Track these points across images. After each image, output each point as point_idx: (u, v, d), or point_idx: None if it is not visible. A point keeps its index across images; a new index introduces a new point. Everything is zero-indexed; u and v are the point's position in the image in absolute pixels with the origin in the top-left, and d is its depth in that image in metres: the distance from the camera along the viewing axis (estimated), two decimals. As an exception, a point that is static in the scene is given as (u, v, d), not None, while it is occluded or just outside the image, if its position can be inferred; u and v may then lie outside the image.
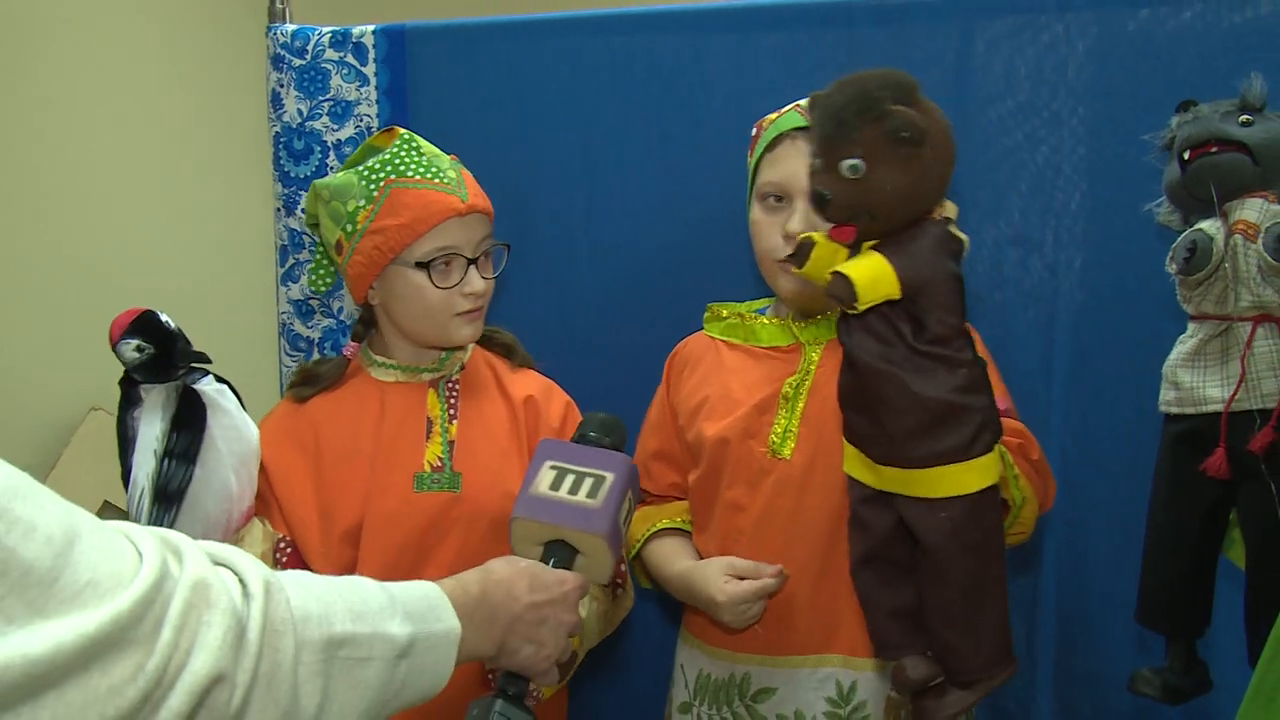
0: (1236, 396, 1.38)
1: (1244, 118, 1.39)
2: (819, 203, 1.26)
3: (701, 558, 1.70)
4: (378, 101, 2.15)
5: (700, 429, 1.71)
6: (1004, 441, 1.48)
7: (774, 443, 1.63)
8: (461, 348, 1.78)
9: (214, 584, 0.87)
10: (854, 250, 1.28)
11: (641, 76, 2.04)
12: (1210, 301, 1.41)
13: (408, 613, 1.07)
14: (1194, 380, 1.43)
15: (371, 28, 2.15)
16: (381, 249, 1.66)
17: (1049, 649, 1.97)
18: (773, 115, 1.69)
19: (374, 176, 1.67)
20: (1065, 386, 1.92)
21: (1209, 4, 1.76)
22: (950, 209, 1.31)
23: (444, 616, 1.12)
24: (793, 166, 1.62)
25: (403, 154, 1.69)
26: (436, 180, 1.66)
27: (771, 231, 1.66)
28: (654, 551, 1.76)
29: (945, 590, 1.32)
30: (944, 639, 1.35)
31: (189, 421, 1.51)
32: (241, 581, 0.91)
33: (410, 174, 1.66)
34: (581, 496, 1.34)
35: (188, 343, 1.50)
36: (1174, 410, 1.45)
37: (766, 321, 1.74)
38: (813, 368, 1.67)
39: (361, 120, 2.15)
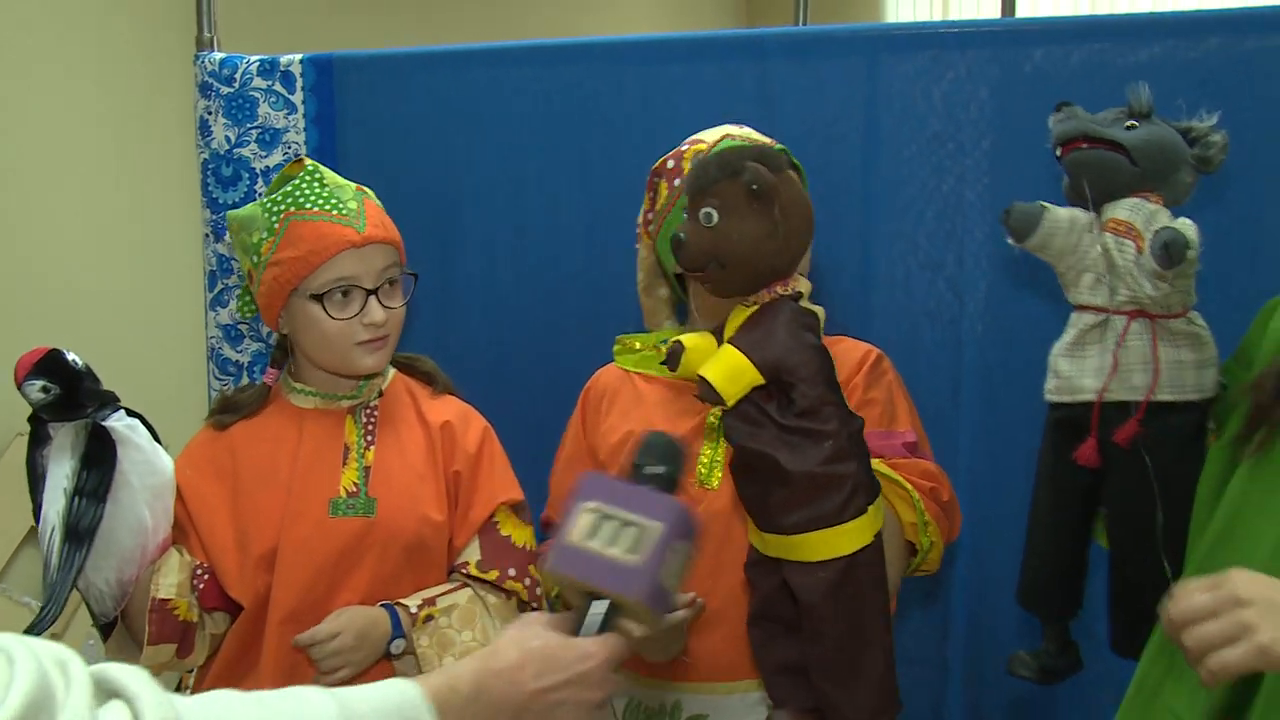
0: (1109, 388, 1.36)
1: (1130, 123, 1.37)
2: (676, 246, 1.29)
3: None
4: (306, 129, 2.08)
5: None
6: (915, 484, 1.49)
7: (701, 473, 1.57)
8: (374, 375, 1.71)
9: None
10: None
11: (564, 106, 2.00)
12: (1086, 293, 1.39)
13: None
14: (1072, 369, 1.40)
15: (299, 57, 2.09)
16: (280, 281, 1.61)
17: (959, 655, 1.94)
18: (702, 144, 1.62)
19: (275, 209, 1.62)
20: (972, 404, 1.89)
21: (1095, 49, 1.78)
22: (804, 285, 1.35)
23: None
24: None
25: (304, 186, 1.63)
26: (334, 212, 1.60)
27: None
28: None
29: (823, 646, 1.31)
30: (824, 691, 1.33)
31: (99, 459, 1.46)
32: None
33: (308, 206, 1.61)
34: (620, 551, 1.12)
35: (96, 380, 1.43)
36: (1054, 398, 1.43)
37: None
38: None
39: (290, 147, 2.08)
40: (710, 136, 1.61)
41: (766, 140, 1.59)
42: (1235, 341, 1.40)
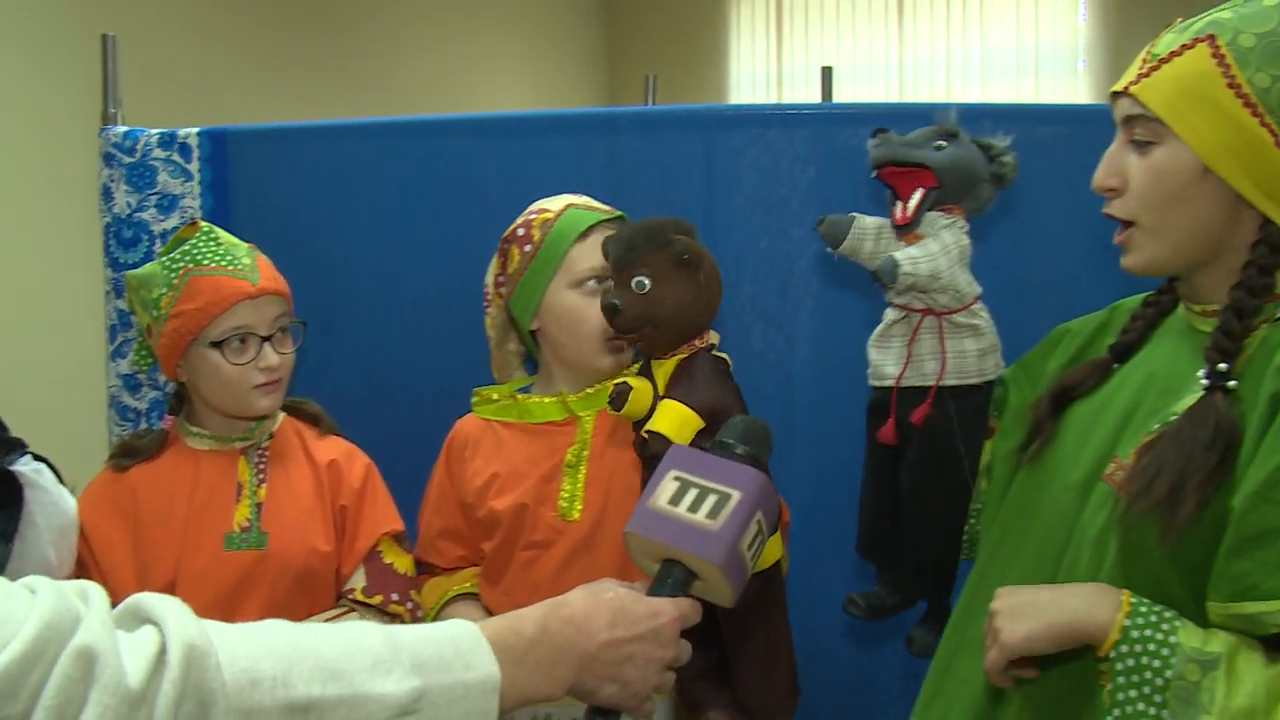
0: (905, 375, 1.45)
1: (939, 143, 1.44)
2: (611, 312, 1.36)
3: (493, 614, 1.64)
4: (201, 195, 2.12)
5: (491, 505, 1.67)
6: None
7: (563, 507, 1.63)
8: (266, 417, 1.75)
9: (100, 654, 0.72)
10: (644, 371, 1.42)
11: (436, 176, 2.06)
12: (893, 293, 1.47)
13: (418, 663, 0.87)
14: (879, 358, 1.49)
15: (196, 130, 2.13)
16: (181, 331, 1.65)
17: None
18: (548, 212, 1.69)
19: (174, 266, 1.66)
20: (804, 439, 1.99)
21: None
22: (714, 336, 1.43)
23: (477, 662, 0.91)
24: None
25: (201, 244, 1.68)
26: (230, 267, 1.66)
27: (596, 312, 1.59)
28: (453, 611, 1.69)
29: (748, 648, 1.39)
30: (750, 686, 1.42)
31: (6, 501, 1.46)
32: (164, 646, 0.76)
33: (206, 262, 1.66)
34: (701, 516, 1.08)
35: (3, 428, 1.45)
36: (870, 382, 1.52)
37: (539, 400, 1.72)
38: (589, 436, 1.66)
39: (186, 212, 2.11)
40: (554, 205, 1.69)
41: (606, 208, 1.67)
42: (1028, 328, 1.52)
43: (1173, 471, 1.07)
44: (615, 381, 1.43)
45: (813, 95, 2.35)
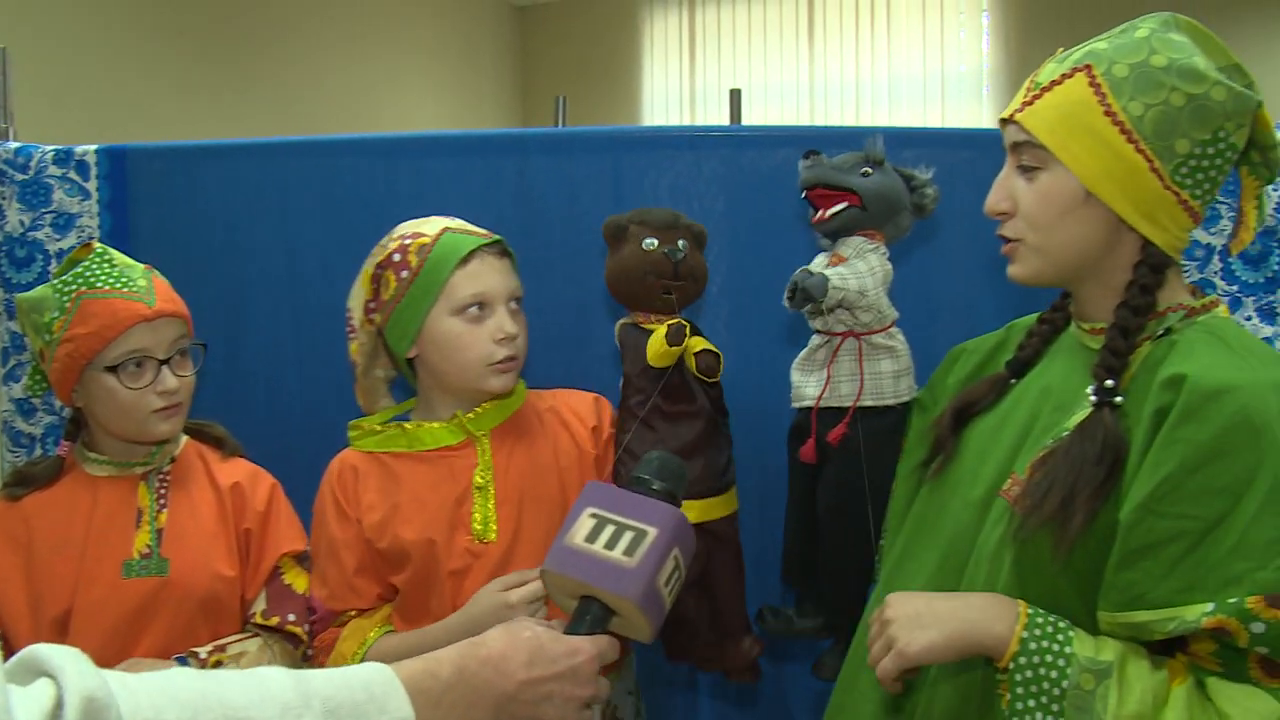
0: (824, 396, 1.50)
1: (865, 170, 1.49)
2: (674, 257, 1.57)
3: None
4: (100, 214, 2.07)
5: (396, 535, 1.62)
6: None
7: (478, 530, 1.60)
8: (167, 441, 1.71)
9: None
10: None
11: (343, 196, 2.04)
12: (816, 319, 1.53)
13: (330, 709, 0.86)
14: (800, 380, 1.54)
15: (94, 147, 2.08)
16: (74, 356, 1.61)
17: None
18: (424, 237, 1.64)
19: (66, 289, 1.62)
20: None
21: (791, 150, 1.92)
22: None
23: (391, 706, 0.90)
24: (491, 277, 1.62)
25: (94, 266, 1.64)
26: (125, 289, 1.62)
27: (481, 338, 1.61)
28: (382, 650, 1.61)
29: (721, 590, 1.59)
30: (734, 613, 1.63)
31: None
32: (61, 698, 0.74)
33: (100, 284, 1.62)
34: (618, 553, 1.09)
35: None
36: (791, 405, 1.56)
37: (430, 425, 1.68)
38: (490, 457, 1.65)
39: (84, 231, 2.06)
40: (429, 229, 1.64)
41: (482, 231, 1.66)
42: (937, 349, 1.57)
43: (1063, 486, 1.12)
44: (670, 322, 1.55)
45: (726, 118, 2.38)
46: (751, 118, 5.83)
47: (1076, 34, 1.36)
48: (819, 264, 1.51)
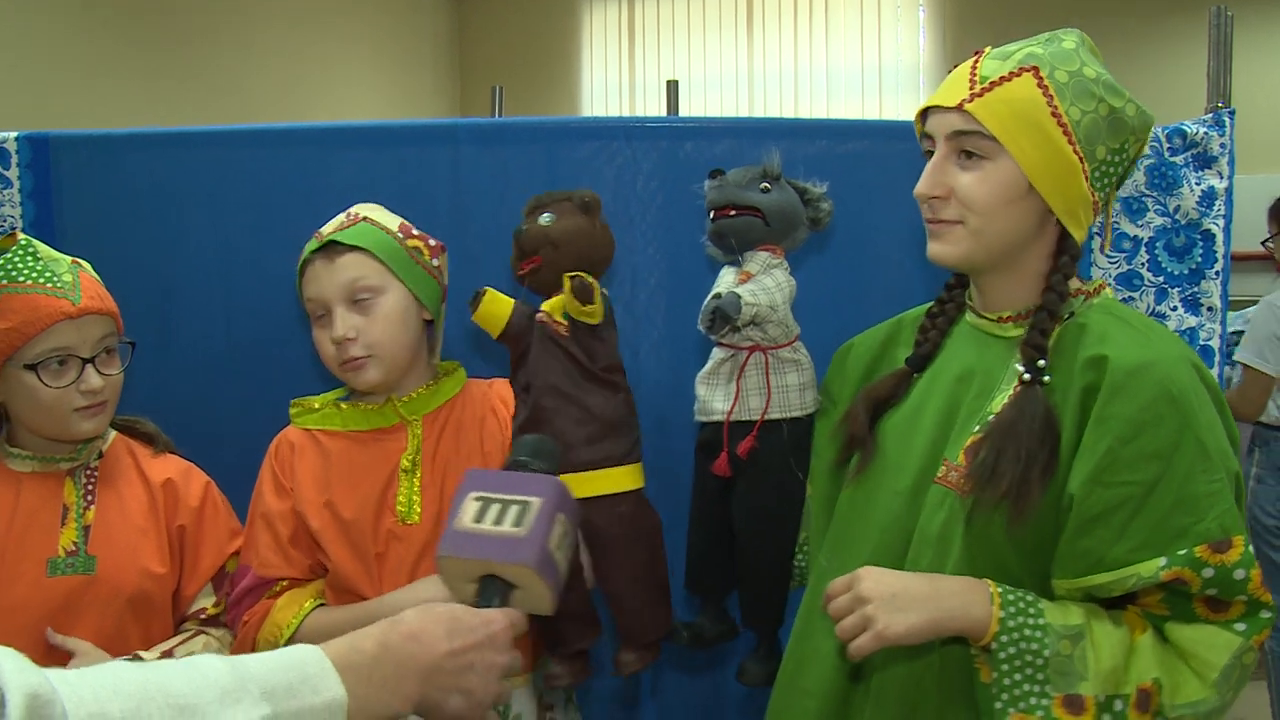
0: (734, 410, 1.53)
1: (764, 185, 1.53)
2: (517, 235, 1.55)
3: None
4: (22, 204, 2.02)
5: (327, 513, 1.64)
6: None
7: (401, 511, 1.62)
8: (94, 438, 1.68)
9: None
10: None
11: (274, 186, 2.02)
12: (724, 333, 1.54)
13: (266, 691, 0.88)
14: (706, 394, 1.57)
15: (14, 134, 2.03)
16: None
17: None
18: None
19: None
20: (650, 453, 1.92)
21: (733, 143, 1.99)
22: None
23: (323, 685, 0.92)
24: (316, 283, 1.64)
25: (16, 259, 1.60)
26: (49, 285, 1.58)
27: (325, 342, 1.64)
28: (318, 622, 1.62)
29: (619, 573, 1.49)
30: (624, 610, 1.52)
31: None
32: (2, 695, 0.73)
33: (21, 279, 1.58)
34: (507, 526, 1.14)
35: None
36: (697, 419, 1.59)
37: (365, 407, 1.70)
38: (419, 441, 1.66)
39: (4, 221, 2.01)
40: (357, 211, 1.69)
41: (325, 231, 1.67)
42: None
43: (1014, 462, 1.20)
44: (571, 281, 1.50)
45: (665, 108, 2.39)
46: (690, 109, 5.85)
47: (1010, 30, 1.45)
48: (726, 281, 1.54)
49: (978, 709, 1.23)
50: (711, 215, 1.56)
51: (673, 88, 2.52)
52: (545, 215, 1.52)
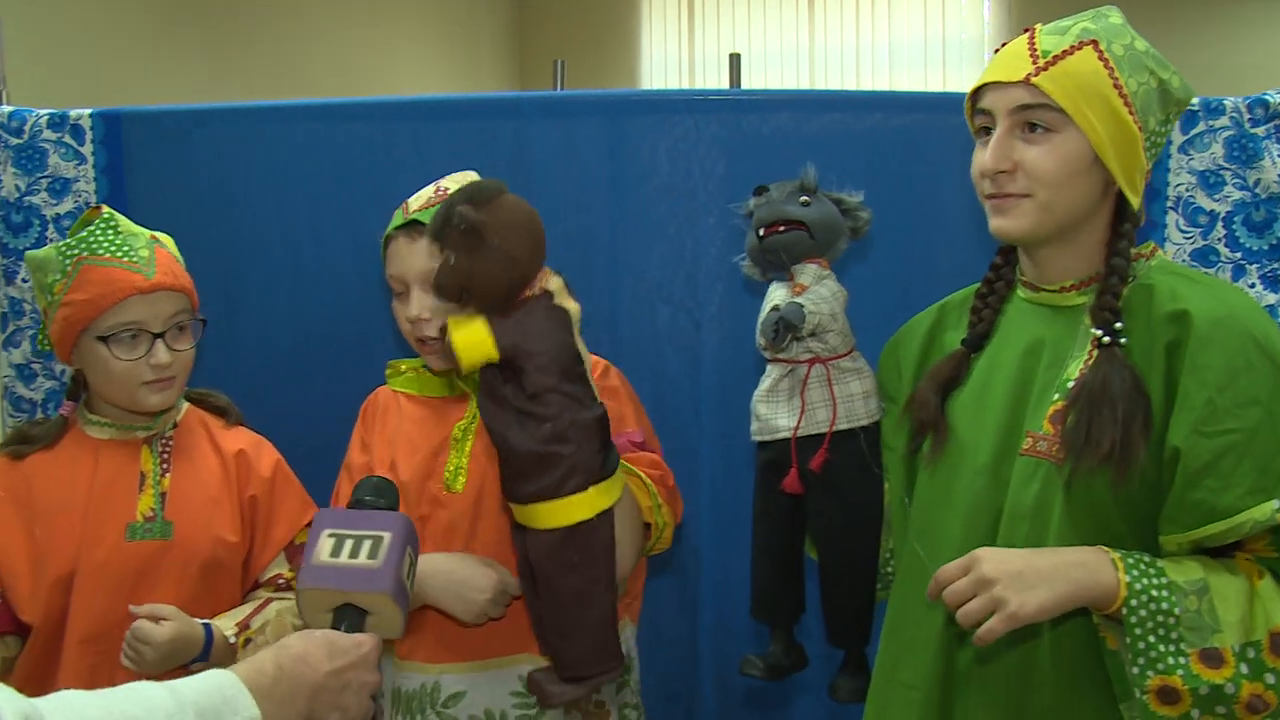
0: (800, 425, 1.50)
1: (803, 199, 1.52)
2: (436, 287, 1.40)
3: None
4: (96, 179, 2.07)
5: (393, 474, 1.67)
6: (647, 473, 1.59)
7: (447, 479, 1.65)
8: (169, 409, 1.72)
9: None
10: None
11: (339, 159, 2.04)
12: (779, 349, 1.53)
13: (200, 711, 0.96)
14: (769, 412, 1.54)
15: (89, 111, 2.08)
16: (71, 321, 1.61)
17: (709, 639, 2.06)
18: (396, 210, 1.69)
19: (69, 253, 1.63)
20: (712, 419, 2.02)
21: (793, 116, 1.98)
22: (553, 283, 1.42)
23: (242, 705, 1.01)
24: (398, 261, 1.65)
25: (98, 233, 1.64)
26: (125, 259, 1.62)
27: (402, 317, 1.66)
28: None
29: (546, 602, 1.43)
30: (549, 642, 1.46)
31: None
32: None
33: (101, 252, 1.62)
34: (362, 559, 1.24)
35: None
36: (757, 438, 1.56)
37: (434, 375, 1.73)
38: (475, 411, 1.67)
39: (80, 196, 2.07)
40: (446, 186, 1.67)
41: (417, 206, 1.65)
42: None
43: (1113, 423, 1.21)
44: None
45: (725, 82, 2.38)
46: (751, 84, 5.80)
47: (1077, 3, 1.42)
48: (779, 295, 1.52)
49: (1103, 680, 1.23)
50: (761, 233, 1.54)
51: (735, 61, 2.50)
52: (446, 254, 1.37)
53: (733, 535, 2.00)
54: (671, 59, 6.72)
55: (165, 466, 1.70)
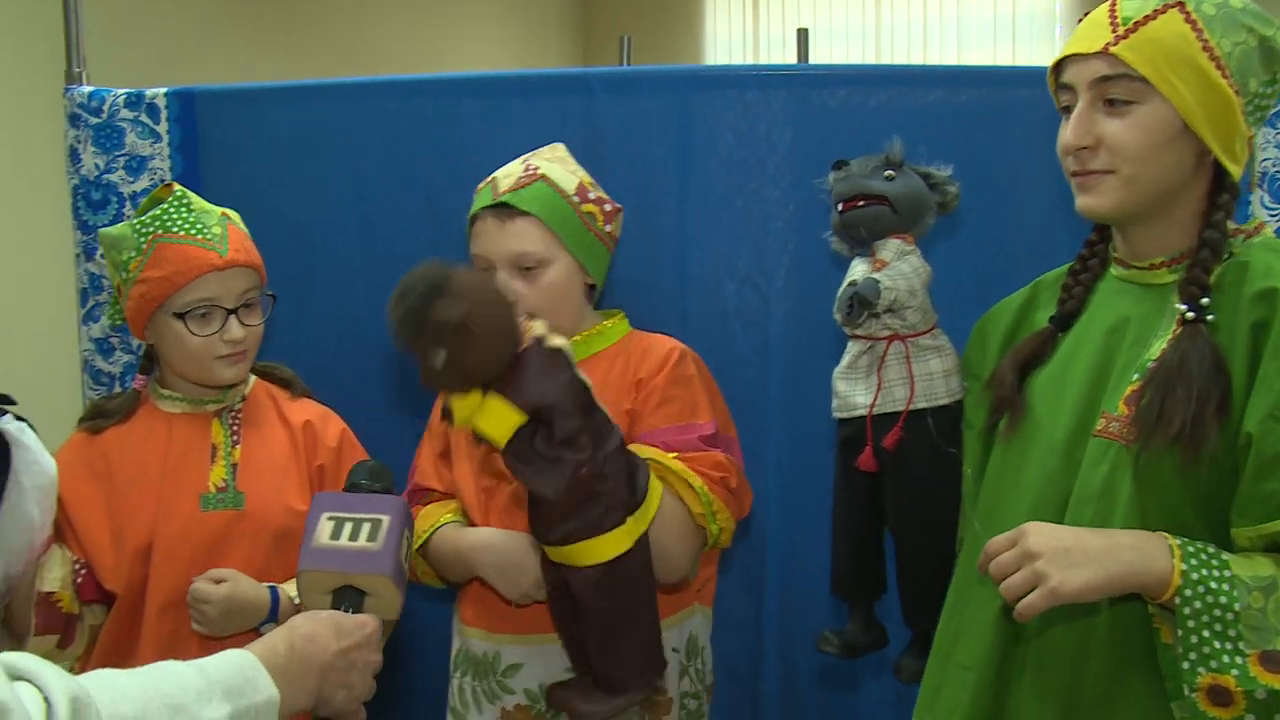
0: (877, 402, 1.48)
1: (888, 173, 1.48)
2: (435, 387, 1.38)
3: None
4: (171, 156, 2.10)
5: (467, 443, 1.70)
6: (705, 475, 1.58)
7: None
8: (239, 382, 1.75)
9: (13, 709, 0.78)
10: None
11: (409, 136, 2.04)
12: (859, 325, 1.50)
13: (226, 690, 0.99)
14: (847, 389, 1.51)
15: (164, 90, 2.11)
16: (146, 298, 1.65)
17: (774, 618, 2.05)
18: (481, 185, 1.70)
19: (144, 230, 1.66)
20: (780, 398, 2.00)
21: (867, 91, 1.94)
22: (538, 327, 1.40)
23: (261, 685, 1.03)
24: (485, 241, 1.66)
25: (172, 210, 1.67)
26: (199, 236, 1.65)
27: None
28: (444, 536, 1.70)
29: (590, 629, 1.44)
30: (595, 661, 1.46)
31: None
32: (47, 700, 0.82)
33: (175, 229, 1.64)
34: (362, 541, 1.27)
35: None
36: (837, 415, 1.54)
37: None
38: None
39: (155, 173, 2.09)
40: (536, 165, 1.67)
41: (506, 186, 1.65)
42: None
43: (1185, 402, 1.14)
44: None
45: (789, 58, 2.35)
46: (816, 59, 5.74)
47: None
48: (859, 270, 1.50)
49: (1156, 673, 1.17)
50: (840, 207, 1.51)
51: (802, 36, 2.48)
52: (429, 359, 1.32)
53: (800, 513, 2.01)
54: (736, 35, 6.67)
55: (235, 438, 1.73)
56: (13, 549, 1.49)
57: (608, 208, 1.70)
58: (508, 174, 1.68)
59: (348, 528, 1.28)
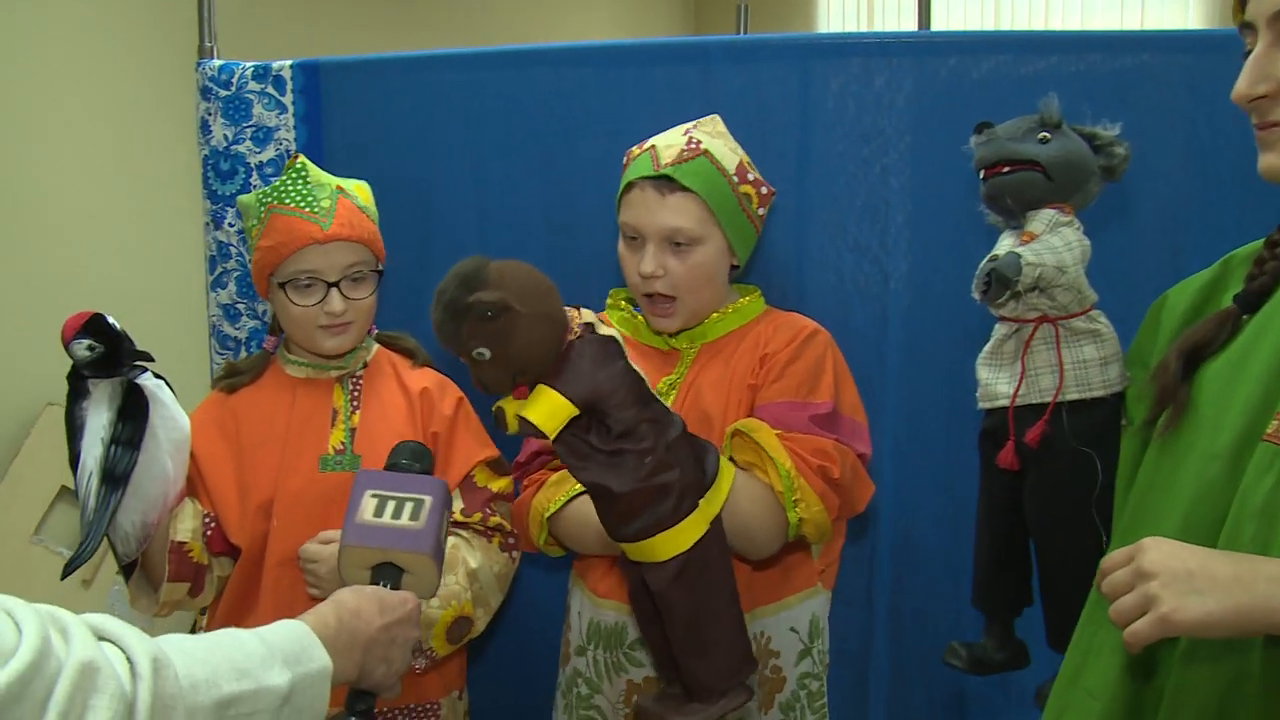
0: (1020, 392, 1.33)
1: (1043, 135, 1.32)
2: (485, 388, 1.36)
3: None
4: (295, 127, 2.13)
5: None
6: (800, 458, 1.52)
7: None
8: (359, 348, 1.79)
9: (101, 667, 0.81)
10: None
11: (528, 105, 2.04)
12: (1005, 304, 1.35)
13: (285, 658, 1.01)
14: (989, 377, 1.37)
15: (289, 62, 2.14)
16: (260, 265, 1.70)
17: (884, 597, 2.02)
18: (636, 150, 1.68)
19: (264, 200, 1.70)
20: (897, 373, 1.96)
21: (999, 59, 1.86)
22: (587, 314, 1.38)
23: (316, 655, 1.06)
24: (641, 212, 1.63)
25: (288, 182, 1.70)
26: (307, 209, 1.68)
27: (631, 267, 1.66)
28: (578, 505, 1.64)
29: (676, 625, 1.40)
30: (684, 664, 1.42)
31: (133, 412, 1.51)
32: (129, 659, 0.85)
33: (288, 201, 1.68)
34: (405, 520, 1.28)
35: (132, 342, 1.49)
36: (981, 405, 1.39)
37: (645, 323, 1.74)
38: (684, 368, 1.69)
39: (281, 144, 2.13)
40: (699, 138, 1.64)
41: (667, 159, 1.61)
42: (1141, 284, 1.43)
43: None
44: (495, 408, 1.39)
45: (904, 23, 2.28)
46: (935, 24, 5.58)
47: None
48: (1006, 245, 1.34)
49: None
50: (982, 175, 1.35)
51: (924, 1, 2.39)
52: (476, 352, 1.32)
53: (913, 494, 1.98)
54: (849, 2, 6.51)
55: (355, 404, 1.77)
56: (149, 498, 1.57)
57: (764, 190, 1.68)
58: (669, 144, 1.64)
59: (390, 505, 1.30)
